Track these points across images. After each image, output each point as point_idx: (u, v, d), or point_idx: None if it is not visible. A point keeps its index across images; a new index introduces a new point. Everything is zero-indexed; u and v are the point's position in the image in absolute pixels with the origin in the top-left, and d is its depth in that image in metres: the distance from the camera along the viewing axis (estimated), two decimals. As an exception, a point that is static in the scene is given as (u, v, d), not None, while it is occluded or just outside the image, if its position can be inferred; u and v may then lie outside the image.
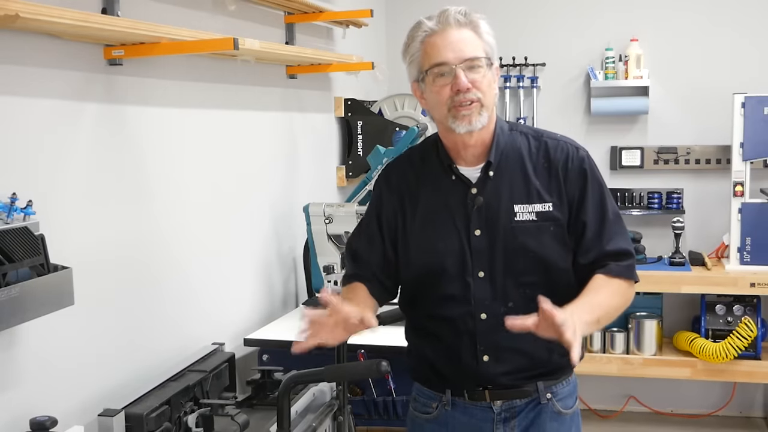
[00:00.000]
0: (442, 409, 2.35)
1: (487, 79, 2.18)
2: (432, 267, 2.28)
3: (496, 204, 2.22)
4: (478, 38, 2.19)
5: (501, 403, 2.29)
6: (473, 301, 2.22)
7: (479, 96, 2.16)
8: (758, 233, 4.74)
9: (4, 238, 2.04)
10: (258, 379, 2.89)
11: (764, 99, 4.67)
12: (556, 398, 2.31)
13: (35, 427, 2.15)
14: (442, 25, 2.22)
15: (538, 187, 2.22)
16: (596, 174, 2.28)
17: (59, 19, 2.15)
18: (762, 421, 5.33)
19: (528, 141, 2.28)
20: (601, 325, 2.19)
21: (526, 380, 2.29)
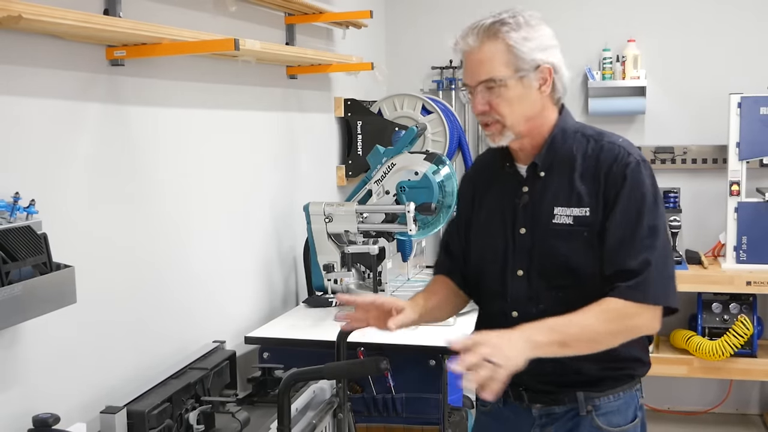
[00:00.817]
0: (495, 404, 2.34)
1: (509, 97, 2.13)
2: (481, 261, 2.32)
3: (540, 204, 2.20)
4: (502, 50, 2.12)
5: (540, 407, 2.27)
6: (509, 299, 2.23)
7: (497, 118, 2.14)
8: (754, 232, 4.75)
9: (6, 237, 2.04)
10: (258, 376, 2.89)
11: (760, 99, 4.68)
12: (597, 412, 2.21)
13: (38, 424, 2.15)
14: (466, 45, 2.17)
15: (582, 190, 2.16)
16: (641, 183, 2.13)
17: (62, 20, 2.15)
18: (758, 418, 5.33)
19: (587, 143, 2.21)
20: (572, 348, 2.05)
21: (561, 387, 2.22)
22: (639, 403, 2.30)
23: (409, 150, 3.81)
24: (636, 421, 2.27)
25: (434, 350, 3.10)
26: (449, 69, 5.46)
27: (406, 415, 3.18)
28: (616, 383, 2.23)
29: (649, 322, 2.11)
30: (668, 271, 2.15)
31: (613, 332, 2.09)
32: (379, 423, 3.26)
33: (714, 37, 5.18)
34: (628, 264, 2.09)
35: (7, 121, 2.21)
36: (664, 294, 2.12)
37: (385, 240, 3.67)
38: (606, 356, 2.10)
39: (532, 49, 2.13)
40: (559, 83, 2.21)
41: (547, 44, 2.18)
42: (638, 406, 2.29)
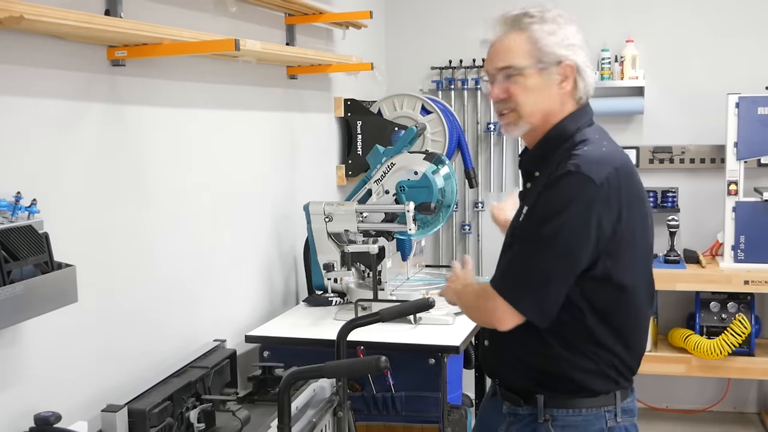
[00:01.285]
0: (488, 395, 2.48)
1: (527, 85, 2.13)
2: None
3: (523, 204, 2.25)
4: (525, 41, 2.14)
5: (508, 405, 2.29)
6: None
7: (512, 106, 2.16)
8: (752, 231, 4.75)
9: (8, 237, 2.04)
10: (259, 375, 2.89)
11: (758, 99, 4.68)
12: (554, 422, 2.18)
13: (39, 422, 2.16)
14: (492, 33, 2.20)
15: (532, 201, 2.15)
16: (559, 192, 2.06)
17: (63, 20, 2.15)
18: (755, 416, 5.34)
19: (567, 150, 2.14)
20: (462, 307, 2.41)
21: (525, 381, 2.22)
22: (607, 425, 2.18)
23: (408, 150, 3.81)
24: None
25: (434, 349, 3.10)
26: (448, 69, 5.46)
27: (405, 413, 3.18)
28: (578, 395, 2.17)
29: (486, 310, 2.17)
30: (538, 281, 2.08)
31: (472, 306, 2.30)
32: (379, 421, 3.26)
33: (712, 38, 5.18)
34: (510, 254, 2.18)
35: (9, 121, 2.21)
36: (512, 293, 2.10)
37: (384, 239, 3.67)
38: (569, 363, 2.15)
39: (554, 44, 2.14)
40: (581, 83, 2.19)
41: (572, 42, 2.18)
42: (607, 428, 2.18)
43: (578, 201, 2.03)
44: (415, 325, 3.32)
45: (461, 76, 5.43)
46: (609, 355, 2.17)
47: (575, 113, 2.21)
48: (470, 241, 5.60)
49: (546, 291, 2.07)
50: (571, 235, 2.04)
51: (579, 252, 2.06)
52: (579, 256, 2.06)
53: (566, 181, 2.05)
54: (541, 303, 2.08)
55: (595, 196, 2.03)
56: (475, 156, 5.37)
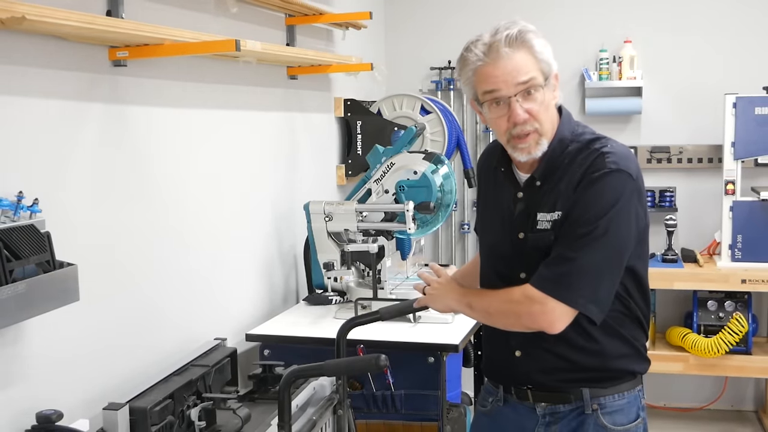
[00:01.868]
0: (495, 404, 2.39)
1: (544, 101, 2.13)
2: (487, 261, 2.38)
3: (534, 211, 2.20)
4: (532, 57, 2.12)
5: (545, 405, 2.28)
6: None
7: (536, 126, 2.14)
8: (749, 231, 4.75)
9: (10, 236, 2.04)
10: (259, 373, 2.90)
11: (755, 99, 4.69)
12: (603, 410, 2.23)
13: (41, 420, 2.16)
14: (493, 57, 2.11)
15: (562, 195, 2.16)
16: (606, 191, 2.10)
17: (65, 21, 2.15)
18: (753, 414, 5.34)
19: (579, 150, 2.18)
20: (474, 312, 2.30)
21: (566, 383, 2.24)
22: (641, 404, 2.32)
23: (408, 149, 3.81)
24: (639, 420, 2.28)
25: (433, 347, 3.11)
26: (448, 69, 5.46)
27: (405, 411, 3.19)
28: (619, 381, 2.25)
29: (532, 315, 2.11)
30: (594, 279, 2.10)
31: (501, 312, 2.19)
32: (379, 419, 3.26)
33: (709, 38, 5.18)
34: (556, 256, 2.12)
35: (11, 121, 2.21)
36: (566, 292, 2.09)
37: (384, 238, 3.67)
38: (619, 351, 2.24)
39: (549, 56, 2.15)
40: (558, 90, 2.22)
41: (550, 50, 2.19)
42: (641, 407, 2.31)
43: (623, 197, 2.10)
44: (415, 323, 3.32)
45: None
46: (641, 335, 2.30)
47: (563, 118, 2.24)
48: (469, 240, 5.60)
49: (601, 287, 2.11)
50: (621, 230, 2.11)
51: (628, 246, 2.15)
52: (628, 249, 2.15)
53: (609, 180, 2.09)
54: (598, 299, 2.11)
55: (633, 189, 2.12)
56: (474, 156, 5.36)
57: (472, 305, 2.26)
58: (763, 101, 4.68)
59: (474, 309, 2.27)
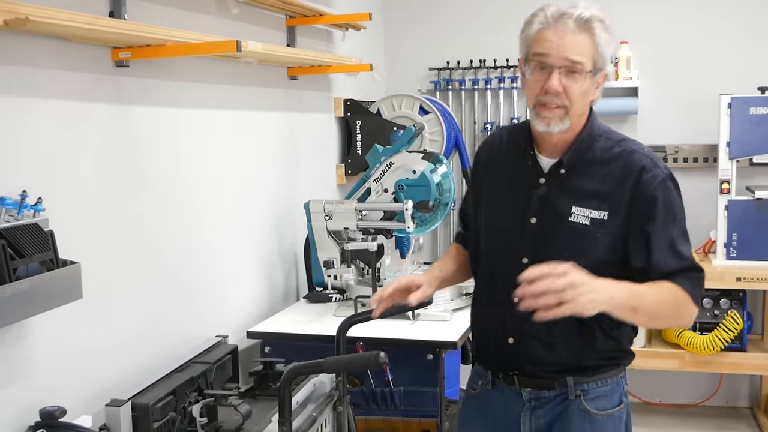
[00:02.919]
0: (484, 387, 2.43)
1: (583, 87, 2.17)
2: (487, 244, 2.36)
3: (557, 199, 2.23)
4: (591, 45, 2.15)
5: (530, 391, 2.32)
6: (512, 283, 2.13)
7: (566, 104, 2.16)
8: (744, 229, 4.75)
9: (14, 234, 2.04)
10: (260, 370, 2.89)
11: (750, 99, 4.68)
12: (586, 396, 2.27)
13: (45, 416, 2.16)
14: (560, 24, 2.14)
15: (602, 194, 2.20)
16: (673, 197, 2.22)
17: (68, 22, 2.15)
18: (747, 410, 5.34)
19: (613, 148, 2.25)
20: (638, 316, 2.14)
21: (553, 372, 2.28)
22: (624, 390, 2.35)
23: (407, 149, 3.81)
24: (621, 406, 2.32)
25: (432, 345, 3.11)
26: (446, 70, 5.45)
27: (404, 408, 3.19)
28: (602, 369, 2.29)
29: (690, 319, 2.22)
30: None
31: (671, 315, 2.21)
32: (378, 416, 3.26)
33: (705, 39, 5.19)
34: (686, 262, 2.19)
35: (15, 121, 2.21)
36: (699, 297, 2.22)
37: (383, 237, 3.67)
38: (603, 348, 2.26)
39: (606, 53, 2.19)
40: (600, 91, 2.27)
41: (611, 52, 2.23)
42: (623, 393, 2.34)
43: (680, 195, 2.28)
44: (414, 321, 3.32)
45: (459, 77, 5.43)
46: (630, 332, 2.32)
47: (592, 116, 2.30)
48: (467, 239, 5.59)
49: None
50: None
51: None
52: None
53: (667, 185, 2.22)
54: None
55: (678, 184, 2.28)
56: (472, 155, 5.35)
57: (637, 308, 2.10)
58: (758, 101, 4.68)
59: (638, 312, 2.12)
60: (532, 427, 2.32)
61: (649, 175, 2.19)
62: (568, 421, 2.27)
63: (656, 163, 2.22)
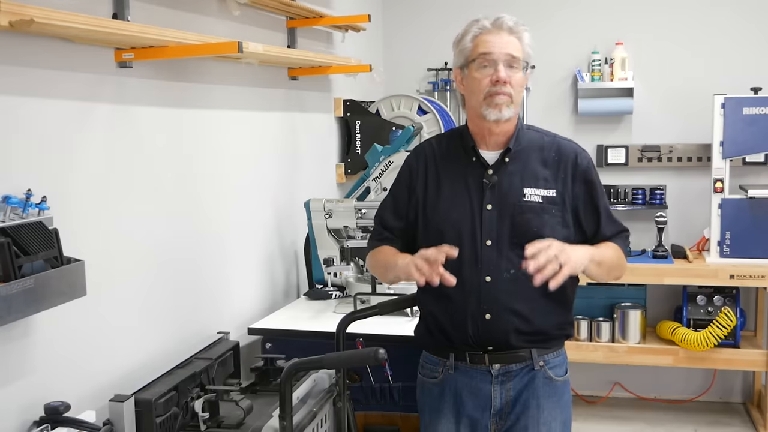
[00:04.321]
0: (446, 373, 2.55)
1: (520, 80, 2.43)
2: (447, 234, 2.48)
3: (508, 185, 2.46)
4: (522, 46, 2.44)
5: (499, 366, 2.49)
6: (480, 265, 2.43)
7: (511, 92, 2.41)
8: (737, 227, 4.76)
9: (19, 232, 2.04)
10: (261, 366, 2.90)
11: (743, 100, 4.69)
12: (548, 366, 2.51)
13: (49, 411, 2.16)
14: (496, 28, 2.44)
15: (547, 175, 2.47)
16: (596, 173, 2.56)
17: (72, 23, 2.15)
18: (741, 406, 5.35)
19: (542, 138, 2.54)
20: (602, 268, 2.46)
21: (523, 343, 2.47)
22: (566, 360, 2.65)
23: (405, 149, 3.82)
24: (567, 374, 2.61)
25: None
26: (444, 71, 5.46)
27: (402, 403, 3.19)
28: (557, 343, 2.56)
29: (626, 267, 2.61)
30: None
31: (619, 266, 2.56)
32: (377, 411, 3.26)
33: (699, 41, 5.19)
34: (620, 226, 2.57)
35: (20, 121, 2.21)
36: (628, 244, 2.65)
37: (382, 235, 3.67)
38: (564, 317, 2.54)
39: (531, 52, 2.48)
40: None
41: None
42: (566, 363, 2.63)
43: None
44: (412, 317, 3.33)
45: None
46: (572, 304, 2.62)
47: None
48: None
49: None
50: None
51: None
52: None
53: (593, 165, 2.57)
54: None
55: None
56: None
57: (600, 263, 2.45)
58: (751, 102, 4.68)
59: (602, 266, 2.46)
60: (502, 400, 2.50)
61: (583, 159, 2.53)
62: (535, 388, 2.49)
63: (582, 149, 2.56)
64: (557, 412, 2.53)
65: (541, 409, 2.50)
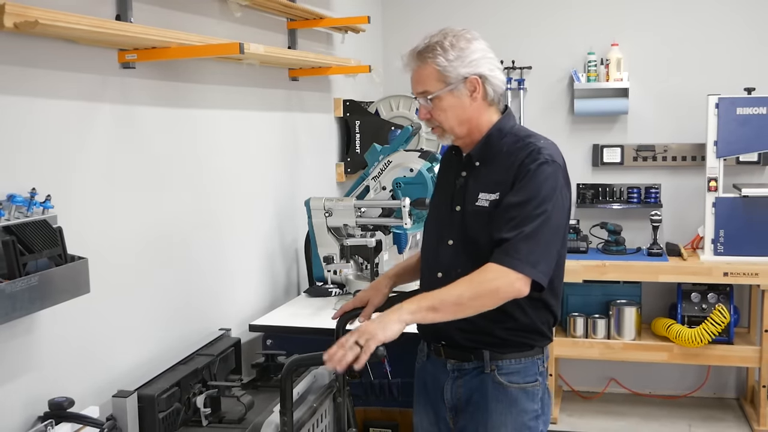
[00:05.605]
0: (422, 359, 2.61)
1: (442, 106, 2.38)
2: (426, 229, 2.59)
3: (471, 188, 2.43)
4: (434, 72, 2.36)
5: (454, 362, 2.48)
6: (439, 263, 2.46)
7: (437, 123, 2.42)
8: (731, 226, 4.76)
9: (24, 230, 2.04)
10: (262, 362, 2.90)
11: (737, 100, 4.69)
12: (500, 371, 2.42)
13: (53, 407, 2.17)
14: (406, 66, 2.45)
15: (499, 179, 2.36)
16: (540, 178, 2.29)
17: (76, 25, 2.15)
18: (734, 401, 5.35)
19: (514, 141, 2.40)
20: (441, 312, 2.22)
21: (474, 343, 2.42)
22: (540, 370, 2.47)
23: (404, 148, 3.82)
24: (536, 383, 2.45)
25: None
26: (443, 71, 5.45)
27: (401, 398, 3.19)
28: (518, 350, 2.43)
29: (509, 285, 2.23)
30: (539, 250, 2.26)
31: (476, 295, 2.23)
32: (376, 406, 3.27)
33: (693, 42, 5.19)
34: (504, 234, 2.26)
35: (24, 121, 2.21)
36: (527, 264, 2.24)
37: (381, 233, 3.68)
38: (512, 323, 2.38)
39: (457, 67, 2.36)
40: (489, 89, 2.41)
41: (474, 58, 2.38)
42: (539, 372, 2.47)
43: (559, 183, 2.33)
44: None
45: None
46: (546, 315, 2.46)
47: (503, 118, 2.46)
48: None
49: (550, 258, 2.30)
50: (560, 211, 2.33)
51: (565, 223, 2.39)
52: (566, 229, 2.42)
53: (547, 169, 2.31)
54: (547, 269, 2.29)
55: (564, 178, 2.37)
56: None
57: (437, 306, 2.22)
58: (745, 102, 4.69)
59: (440, 308, 2.22)
60: (453, 395, 2.49)
61: (530, 158, 2.32)
62: (485, 392, 2.43)
63: (543, 151, 2.33)
64: (508, 419, 2.41)
65: (490, 413, 2.42)
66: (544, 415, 2.49)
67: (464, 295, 2.23)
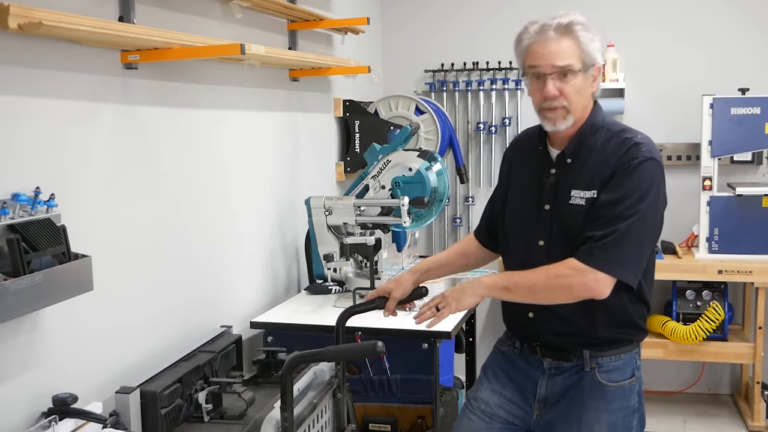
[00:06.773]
0: (511, 349, 2.57)
1: (576, 85, 2.28)
2: (511, 229, 2.52)
3: (563, 186, 2.36)
4: (575, 46, 2.28)
5: (550, 360, 2.45)
6: (531, 265, 2.33)
7: (565, 104, 2.30)
8: (725, 224, 4.76)
9: (28, 229, 2.04)
10: (263, 359, 2.90)
11: (731, 100, 4.69)
12: (600, 369, 2.39)
13: (57, 402, 2.17)
14: (542, 36, 2.29)
15: (595, 176, 2.30)
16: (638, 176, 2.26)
17: (80, 26, 2.15)
18: (729, 397, 5.35)
19: (609, 137, 2.34)
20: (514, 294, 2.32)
21: (571, 345, 2.40)
22: (637, 364, 2.46)
23: (403, 148, 3.81)
24: (633, 378, 2.43)
25: (427, 334, 3.10)
26: (441, 72, 5.45)
27: (400, 395, 3.19)
28: (616, 345, 2.40)
29: (584, 284, 2.23)
30: (630, 250, 2.25)
31: (549, 287, 2.27)
32: (376, 402, 3.27)
33: (688, 42, 5.19)
34: (594, 232, 2.24)
35: (29, 121, 2.21)
36: (613, 264, 2.23)
37: (381, 231, 3.67)
38: (616, 322, 2.36)
39: (594, 50, 2.31)
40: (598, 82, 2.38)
41: (600, 47, 2.34)
42: (636, 367, 2.45)
43: (656, 182, 2.30)
44: (410, 312, 3.32)
45: (453, 79, 5.43)
46: (643, 309, 2.44)
47: (596, 108, 2.40)
48: (461, 234, 5.60)
49: (640, 259, 2.30)
50: (656, 210, 2.32)
51: (660, 223, 2.37)
52: (660, 226, 2.38)
53: (646, 167, 2.27)
54: (637, 270, 2.29)
55: (662, 175, 2.35)
56: (465, 153, 5.37)
57: (511, 288, 2.31)
58: (739, 102, 4.69)
59: (514, 290, 2.31)
60: (547, 390, 2.46)
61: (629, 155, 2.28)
62: (581, 389, 2.39)
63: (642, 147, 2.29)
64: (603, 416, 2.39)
65: (585, 409, 2.39)
66: (641, 408, 2.47)
67: (538, 284, 2.28)
